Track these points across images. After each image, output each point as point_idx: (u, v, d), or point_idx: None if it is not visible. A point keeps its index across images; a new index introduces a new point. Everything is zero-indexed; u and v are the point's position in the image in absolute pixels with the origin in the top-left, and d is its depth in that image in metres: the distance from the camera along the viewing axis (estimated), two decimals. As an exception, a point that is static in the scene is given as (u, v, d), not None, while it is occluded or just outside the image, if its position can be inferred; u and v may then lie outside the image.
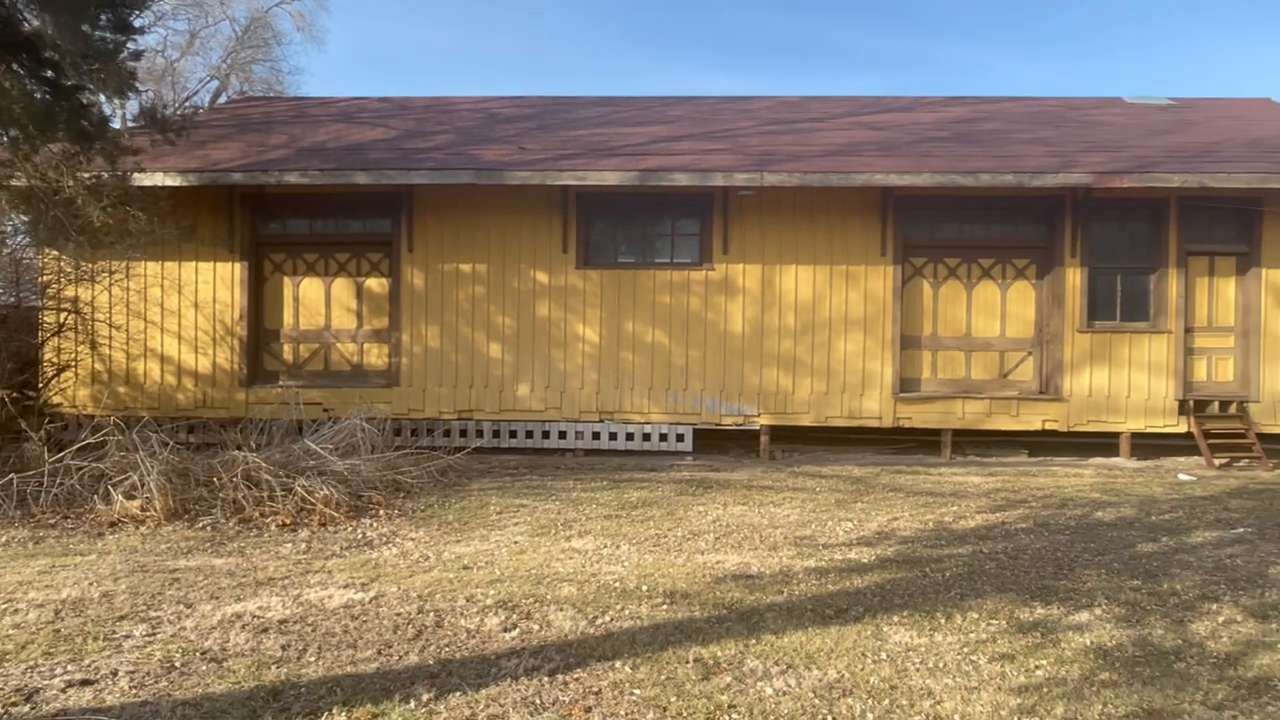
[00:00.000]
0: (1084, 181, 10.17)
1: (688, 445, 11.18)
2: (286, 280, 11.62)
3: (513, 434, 11.28)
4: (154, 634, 4.48)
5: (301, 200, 11.46)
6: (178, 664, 4.09)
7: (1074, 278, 10.95)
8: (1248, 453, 10.56)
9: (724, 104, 14.73)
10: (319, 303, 11.59)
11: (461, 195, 11.09)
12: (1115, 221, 11.12)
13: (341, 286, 11.59)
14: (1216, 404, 10.92)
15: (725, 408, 11.21)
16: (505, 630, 4.51)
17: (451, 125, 13.34)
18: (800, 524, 7.07)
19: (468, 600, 4.97)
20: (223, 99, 28.38)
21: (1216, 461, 10.50)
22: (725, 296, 11.18)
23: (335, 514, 7.09)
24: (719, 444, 11.72)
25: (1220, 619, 4.74)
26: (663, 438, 11.21)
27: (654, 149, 11.62)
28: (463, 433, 11.17)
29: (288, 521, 6.97)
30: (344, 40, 48.97)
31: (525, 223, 11.25)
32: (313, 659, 4.16)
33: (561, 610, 4.79)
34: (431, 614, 4.75)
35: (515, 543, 6.37)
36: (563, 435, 11.29)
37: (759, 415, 11.17)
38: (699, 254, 11.31)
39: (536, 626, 4.56)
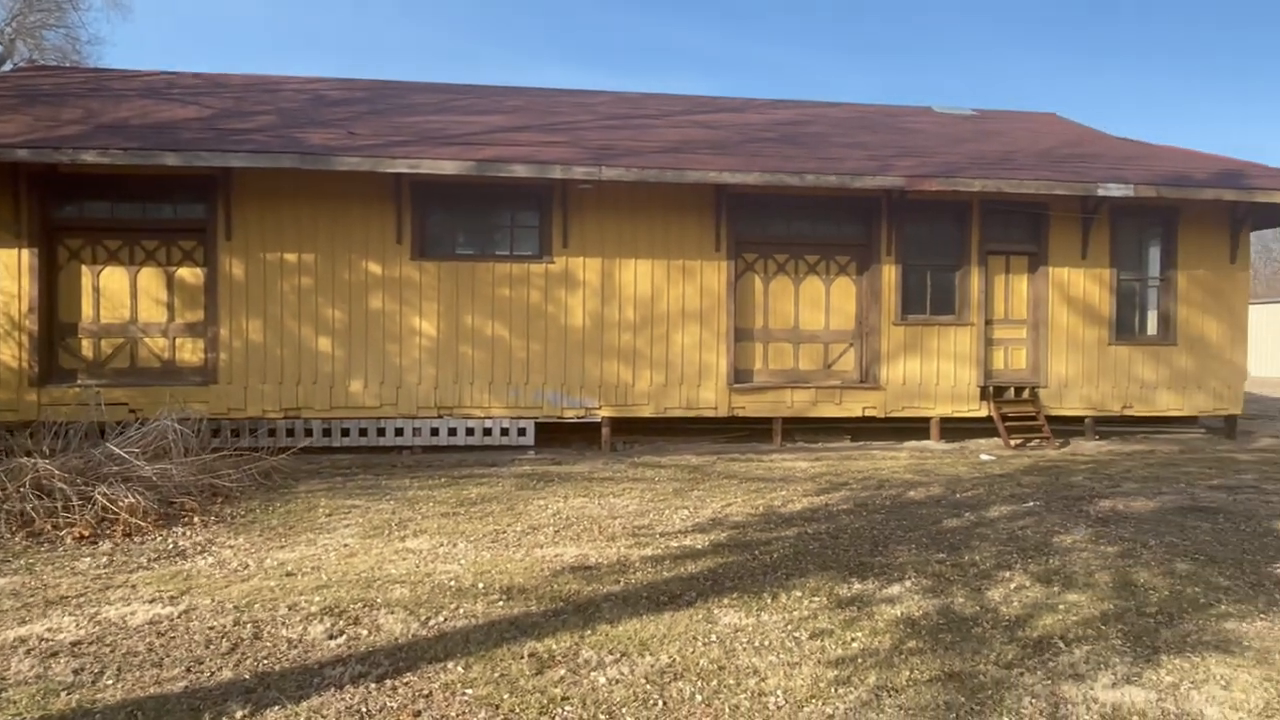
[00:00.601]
0: (898, 184, 10.89)
1: (529, 439, 11.11)
2: (85, 269, 10.58)
3: (345, 432, 10.81)
4: (-84, 667, 3.96)
5: (102, 182, 10.45)
6: (-55, 699, 3.64)
7: (890, 274, 11.73)
8: (1039, 434, 11.70)
9: (563, 97, 14.70)
10: (123, 294, 10.63)
11: (286, 181, 10.48)
12: (926, 222, 11.99)
13: (150, 276, 10.68)
14: (1012, 389, 12.02)
15: (567, 401, 11.22)
16: (331, 638, 4.31)
17: (274, 106, 12.58)
18: (639, 514, 7.18)
19: (290, 609, 4.71)
20: (7, 67, 25.42)
21: (1013, 442, 11.57)
22: (566, 290, 11.18)
23: (142, 523, 6.53)
24: (561, 437, 11.73)
25: (1012, 585, 5.22)
26: (504, 432, 11.08)
27: (492, 139, 11.43)
28: (290, 432, 10.58)
29: (86, 534, 6.35)
30: (153, 9, 45.04)
31: (356, 212, 10.79)
32: (110, 682, 3.81)
33: (392, 613, 4.64)
34: (249, 625, 4.47)
35: (345, 545, 6.10)
36: (399, 432, 10.93)
37: (600, 408, 11.25)
38: (539, 247, 11.25)
39: (365, 632, 4.39)
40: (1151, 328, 12.58)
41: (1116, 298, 12.22)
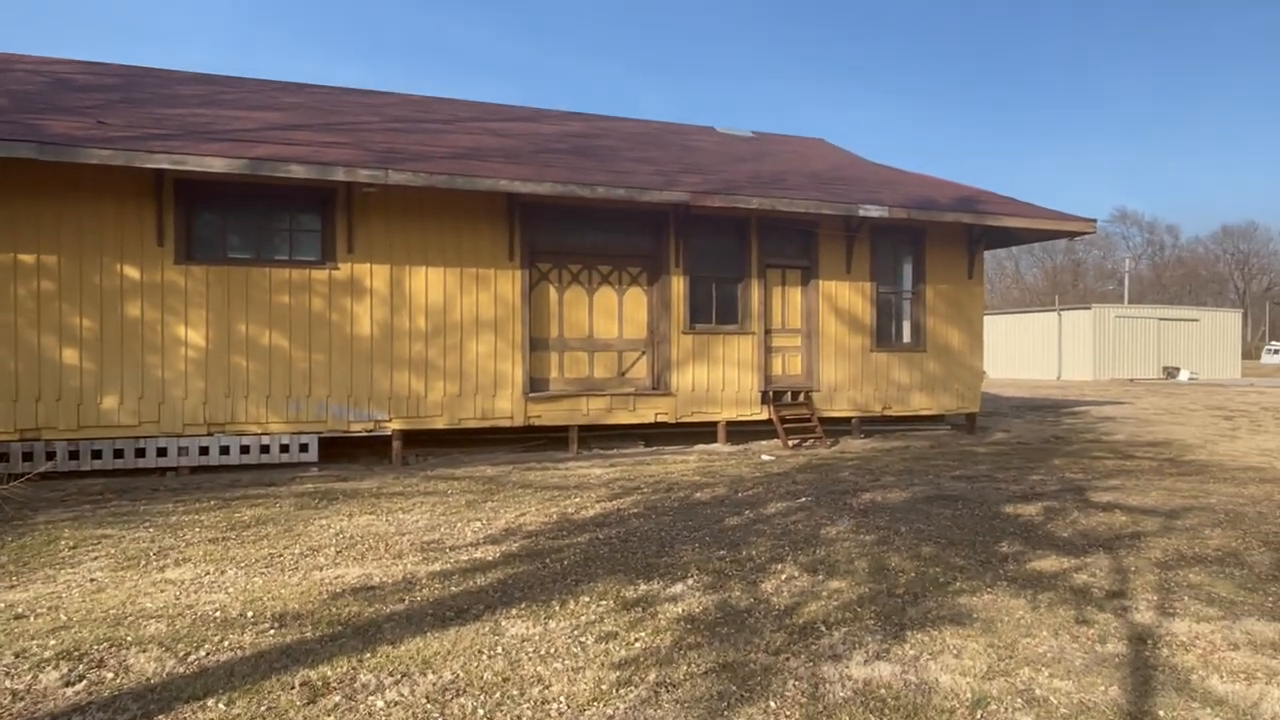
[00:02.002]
0: (683, 199, 11.39)
1: (313, 455, 10.53)
2: None
3: (97, 454, 9.73)
4: None
5: None
6: None
7: (679, 285, 12.23)
8: (813, 434, 12.63)
9: (346, 96, 14.09)
10: None
11: (21, 173, 9.31)
12: (711, 236, 12.62)
13: None
14: (789, 394, 12.91)
15: (354, 414, 10.74)
16: (67, 685, 3.86)
17: (5, 88, 11.11)
18: (429, 528, 7.01)
19: (18, 656, 4.17)
20: None
21: (790, 443, 12.41)
22: (352, 297, 10.72)
23: None
24: (348, 452, 11.22)
25: (783, 576, 5.60)
26: (284, 449, 10.43)
27: (267, 136, 10.74)
28: (27, 456, 9.38)
29: None
30: None
31: (109, 210, 9.76)
32: None
33: (145, 652, 4.23)
34: (-35, 680, 3.91)
35: (92, 580, 5.49)
36: (163, 452, 9.99)
37: (390, 420, 10.88)
38: (322, 252, 10.71)
39: (111, 675, 3.97)
40: (906, 336, 13.96)
41: (876, 309, 13.46)
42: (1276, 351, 64.97)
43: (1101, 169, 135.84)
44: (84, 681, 3.90)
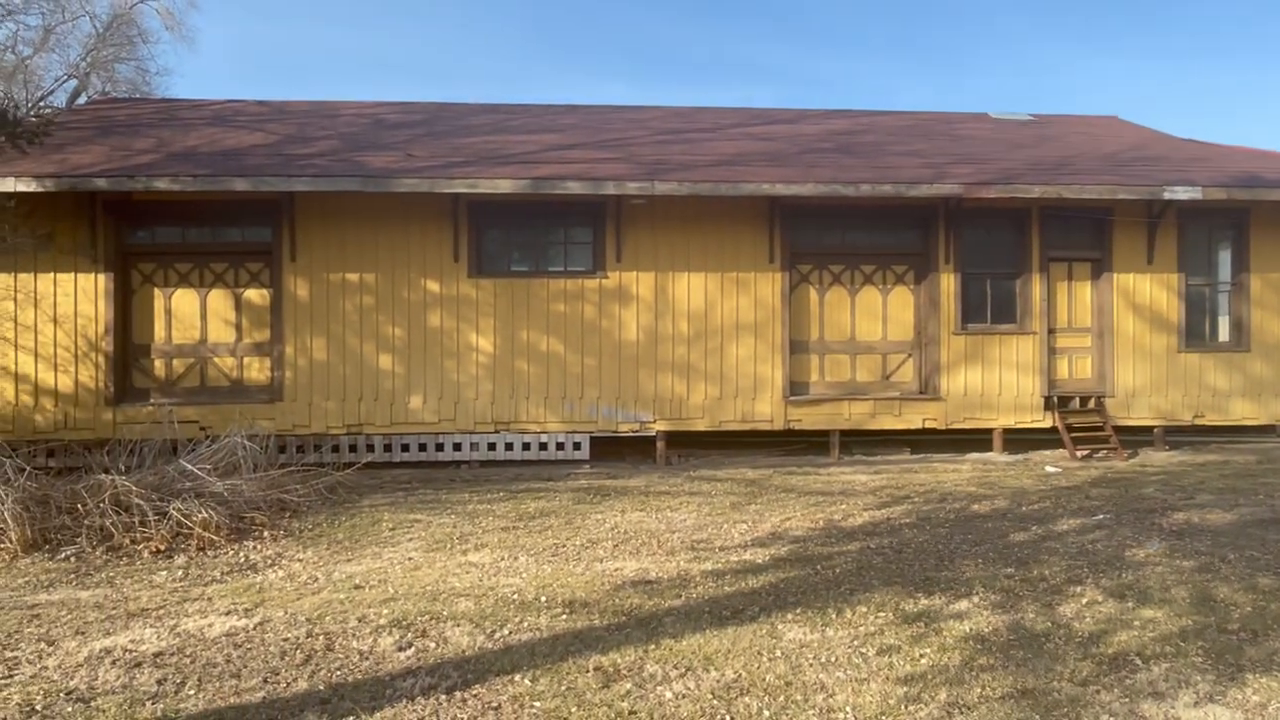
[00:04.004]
0: (955, 192, 10.74)
1: (585, 453, 11.18)
2: (158, 292, 10.99)
3: (405, 448, 11.01)
4: (11, 676, 4.15)
5: (172, 208, 10.86)
6: (39, 707, 3.80)
7: (948, 283, 11.54)
8: (1105, 444, 11.36)
9: (615, 113, 14.83)
10: (194, 315, 11.01)
11: (347, 203, 10.77)
12: (984, 229, 11.78)
13: (218, 298, 11.05)
14: (1077, 399, 11.71)
15: (621, 415, 11.26)
16: (400, 650, 4.39)
17: (335, 131, 12.94)
18: (697, 528, 7.17)
19: (360, 621, 4.81)
20: (82, 99, 26.60)
21: (1079, 454, 11.25)
22: (619, 304, 11.25)
23: (215, 537, 6.74)
24: (616, 451, 11.77)
25: (1084, 600, 5.08)
26: (559, 446, 11.17)
27: (546, 157, 11.59)
28: (352, 448, 10.82)
29: (162, 548, 6.58)
30: (217, 41, 46.74)
31: (415, 231, 11.02)
32: (192, 692, 3.94)
33: (458, 626, 4.70)
34: (321, 637, 4.58)
35: (409, 559, 6.21)
36: (457, 447, 11.09)
37: (655, 421, 11.27)
38: (593, 262, 11.35)
39: (433, 644, 4.46)
40: (1223, 334, 12.15)
41: (1185, 304, 11.83)
42: None
43: None
44: (412, 649, 4.42)
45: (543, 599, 5.15)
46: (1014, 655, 4.22)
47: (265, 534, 7.02)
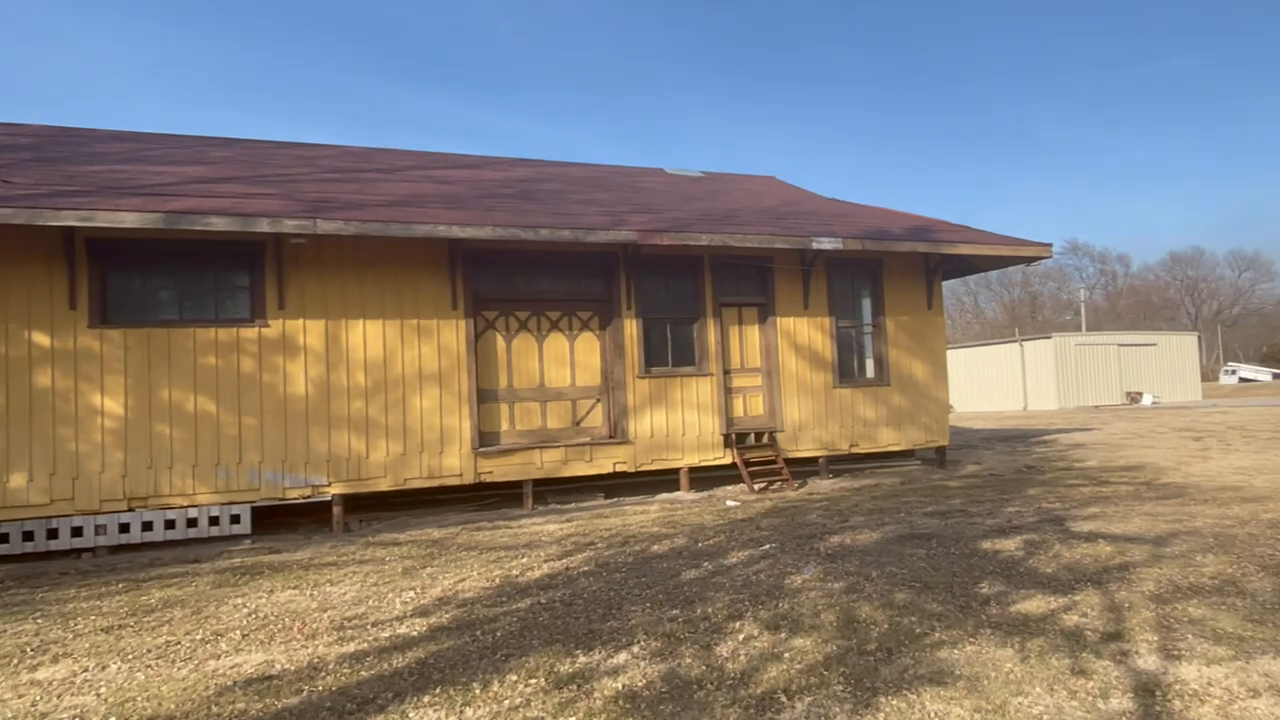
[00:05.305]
0: (631, 239, 10.97)
1: (245, 527, 9.77)
2: None
3: (3, 538, 8.92)
4: None
5: None
6: None
7: (631, 328, 11.75)
8: (779, 476, 12.09)
9: (280, 149, 13.61)
10: None
11: (-89, 237, 8.64)
12: (663, 277, 12.20)
13: None
14: (753, 435, 12.39)
15: (290, 479, 10.03)
16: None
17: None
18: (356, 601, 6.33)
19: None
20: None
21: (756, 486, 11.85)
22: (284, 355, 10.09)
23: None
24: (287, 521, 10.47)
25: (741, 636, 5.01)
26: (213, 521, 9.67)
27: (190, 190, 10.20)
28: (-81, 544, 8.54)
29: None
30: None
31: (15, 273, 9.12)
32: None
33: (-23, 777, 3.54)
34: None
35: (-51, 687, 4.74)
36: (77, 532, 9.19)
37: (330, 484, 10.17)
38: (251, 309, 10.10)
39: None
40: (869, 370, 13.57)
41: (837, 344, 13.07)
42: (1233, 372, 65.98)
43: (1049, 201, 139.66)
44: (-115, 823, 3.20)
45: None
46: (662, 710, 3.95)
47: None
